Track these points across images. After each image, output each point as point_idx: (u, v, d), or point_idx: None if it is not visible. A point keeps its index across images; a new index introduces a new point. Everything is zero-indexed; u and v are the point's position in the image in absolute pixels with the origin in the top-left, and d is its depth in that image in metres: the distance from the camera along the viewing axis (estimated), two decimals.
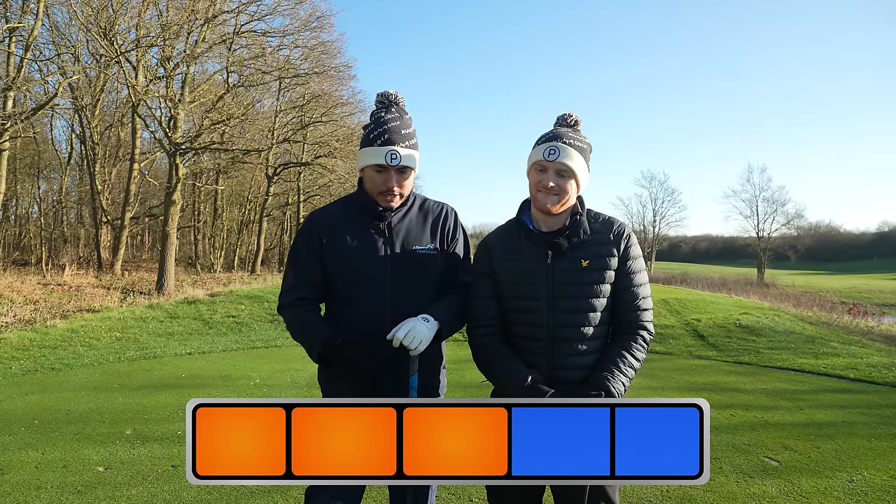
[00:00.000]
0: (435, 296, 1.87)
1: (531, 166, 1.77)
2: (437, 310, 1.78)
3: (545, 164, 1.72)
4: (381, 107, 1.88)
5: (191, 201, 24.59)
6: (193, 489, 3.25)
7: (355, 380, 1.75)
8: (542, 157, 1.71)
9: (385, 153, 1.76)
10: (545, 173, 1.72)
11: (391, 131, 1.79)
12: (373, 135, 1.80)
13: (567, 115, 1.82)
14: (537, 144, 1.77)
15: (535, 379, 1.64)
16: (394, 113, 1.84)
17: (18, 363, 7.03)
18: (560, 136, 1.73)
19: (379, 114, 1.85)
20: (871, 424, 4.56)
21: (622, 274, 1.75)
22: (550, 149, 1.71)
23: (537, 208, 1.76)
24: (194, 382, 6.11)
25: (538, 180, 1.72)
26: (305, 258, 1.85)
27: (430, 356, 1.87)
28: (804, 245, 50.62)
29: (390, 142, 1.77)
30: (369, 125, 1.84)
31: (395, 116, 1.83)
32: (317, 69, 18.18)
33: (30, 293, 12.53)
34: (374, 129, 1.81)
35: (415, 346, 1.66)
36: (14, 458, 3.75)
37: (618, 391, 1.61)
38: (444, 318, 1.77)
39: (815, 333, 9.57)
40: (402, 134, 1.80)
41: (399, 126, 1.81)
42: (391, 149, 1.77)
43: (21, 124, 13.50)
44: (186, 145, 15.34)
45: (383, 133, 1.78)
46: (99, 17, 13.08)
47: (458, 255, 1.94)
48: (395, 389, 1.75)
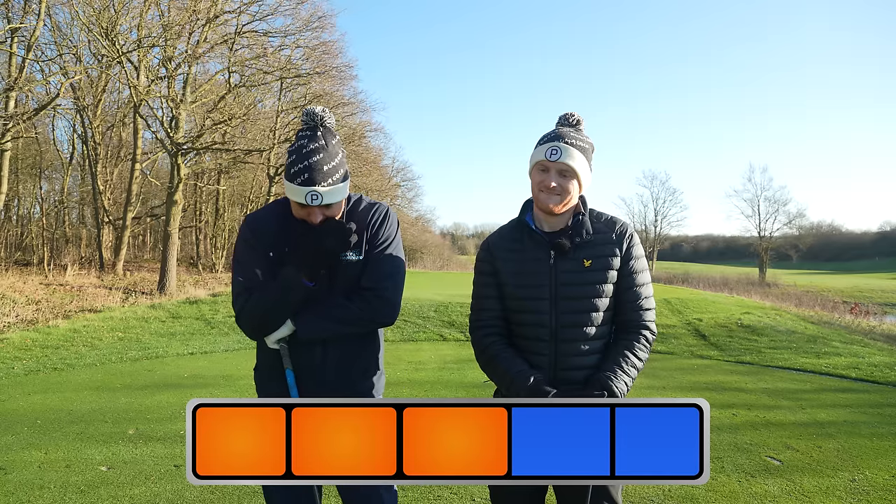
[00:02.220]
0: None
1: (533, 166, 1.76)
2: (303, 311, 1.78)
3: (547, 165, 1.72)
4: (305, 132, 1.73)
5: (192, 201, 24.63)
6: (196, 489, 3.26)
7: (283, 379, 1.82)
8: (545, 157, 1.71)
9: (305, 194, 1.67)
10: (547, 173, 1.71)
11: (312, 169, 1.67)
12: (293, 170, 1.68)
13: (569, 115, 1.81)
14: (539, 144, 1.77)
15: (538, 379, 1.64)
16: (318, 141, 1.71)
17: (21, 363, 7.05)
18: (562, 136, 1.73)
19: (301, 141, 1.71)
20: (874, 424, 4.55)
21: (625, 274, 1.75)
22: (552, 149, 1.70)
23: (540, 208, 1.76)
24: (196, 382, 6.13)
25: (540, 180, 1.72)
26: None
27: (347, 356, 1.86)
28: (806, 245, 50.50)
29: (311, 181, 1.67)
30: (291, 154, 1.71)
31: (319, 147, 1.70)
32: (318, 69, 18.18)
33: (32, 293, 12.56)
34: (296, 164, 1.68)
35: (271, 343, 1.78)
36: (17, 458, 3.76)
37: (620, 391, 1.61)
38: (304, 317, 1.76)
39: (817, 333, 9.55)
40: (324, 171, 1.68)
41: (321, 161, 1.68)
42: (312, 190, 1.67)
43: (23, 124, 13.54)
44: (188, 145, 15.36)
45: (303, 171, 1.67)
46: (101, 18, 13.10)
47: (376, 257, 1.85)
48: (308, 387, 1.81)
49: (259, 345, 1.89)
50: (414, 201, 46.84)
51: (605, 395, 1.59)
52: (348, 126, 22.31)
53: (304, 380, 1.81)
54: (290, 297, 1.73)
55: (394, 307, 1.85)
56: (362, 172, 25.65)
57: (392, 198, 36.67)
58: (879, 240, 78.50)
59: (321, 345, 1.81)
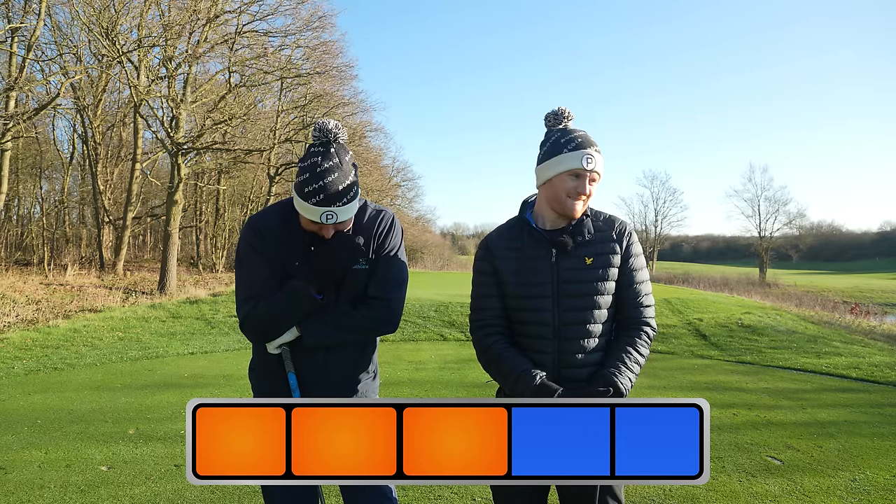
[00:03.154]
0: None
1: (563, 172, 1.72)
2: (308, 318, 1.78)
3: (581, 172, 1.71)
4: (318, 148, 1.69)
5: (193, 201, 24.64)
6: (196, 488, 3.26)
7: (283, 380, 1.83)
8: (581, 165, 1.69)
9: (321, 214, 1.65)
10: (581, 180, 1.71)
11: (327, 189, 1.63)
12: (307, 189, 1.64)
13: (562, 111, 1.79)
14: (568, 150, 1.72)
15: (543, 378, 1.65)
16: (332, 159, 1.67)
17: (21, 363, 7.05)
18: (592, 143, 1.74)
19: (314, 159, 1.67)
20: (874, 423, 4.55)
21: (625, 271, 1.77)
22: (588, 157, 1.70)
23: (563, 213, 1.75)
24: (196, 382, 6.13)
25: (573, 186, 1.71)
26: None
27: (349, 361, 1.88)
28: (806, 245, 50.53)
29: (326, 202, 1.64)
30: (304, 172, 1.67)
31: (334, 165, 1.66)
32: (318, 69, 18.19)
33: (32, 293, 12.57)
34: (310, 183, 1.64)
35: (272, 348, 1.79)
36: (17, 458, 3.76)
37: (625, 387, 1.63)
38: (309, 324, 1.77)
39: (818, 333, 9.55)
40: (340, 191, 1.65)
41: (336, 181, 1.65)
42: (327, 210, 1.65)
43: (23, 124, 13.55)
44: (188, 145, 15.37)
45: (319, 192, 1.63)
46: (101, 18, 13.10)
47: (382, 266, 1.85)
48: (308, 390, 1.83)
49: (256, 346, 1.89)
50: (414, 201, 46.88)
51: (611, 391, 1.60)
52: (349, 126, 22.30)
53: (305, 383, 1.81)
54: (297, 308, 1.74)
55: (398, 316, 1.88)
56: (363, 172, 25.65)
57: (392, 198, 36.68)
58: (880, 240, 78.48)
59: (323, 349, 1.82)
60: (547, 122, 1.82)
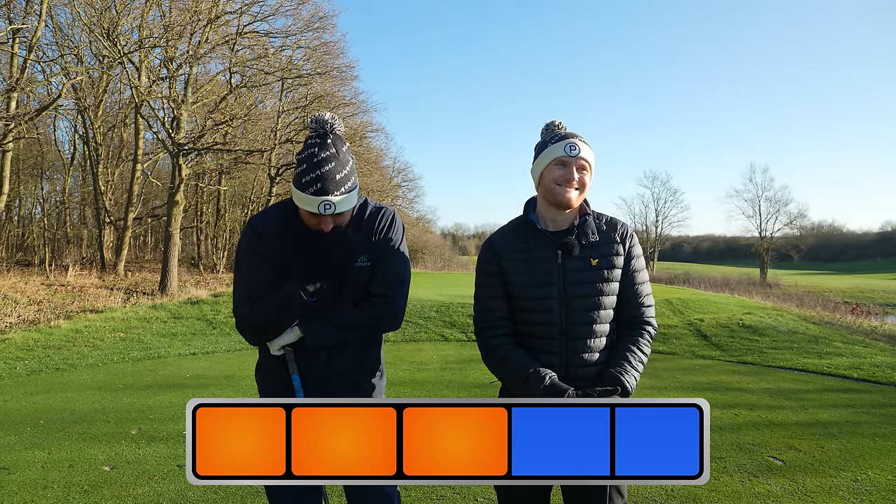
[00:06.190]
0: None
1: (549, 163, 1.77)
2: (310, 318, 1.79)
3: (567, 160, 1.74)
4: (315, 139, 1.71)
5: (193, 202, 24.66)
6: (199, 489, 3.27)
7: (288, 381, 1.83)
8: (565, 152, 1.73)
9: (318, 204, 1.66)
10: (567, 168, 1.74)
11: (325, 179, 1.65)
12: (305, 179, 1.66)
13: (554, 123, 1.85)
14: (550, 143, 1.78)
15: (553, 378, 1.66)
16: (329, 150, 1.69)
17: (23, 364, 7.06)
18: (574, 134, 1.78)
19: (312, 150, 1.69)
20: (876, 424, 4.55)
21: (627, 273, 1.80)
22: (571, 145, 1.73)
23: (556, 203, 1.76)
24: (198, 382, 6.13)
25: (560, 174, 1.74)
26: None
27: (353, 360, 1.87)
28: (807, 245, 50.46)
29: (323, 191, 1.65)
30: (302, 163, 1.69)
31: (330, 155, 1.68)
32: (319, 70, 18.19)
33: (33, 294, 12.59)
34: (307, 173, 1.66)
35: (275, 349, 1.79)
36: (20, 458, 3.77)
37: (631, 385, 1.66)
38: (312, 324, 1.77)
39: (819, 333, 9.54)
40: (337, 181, 1.67)
41: (333, 170, 1.67)
42: (324, 200, 1.65)
43: (24, 125, 13.55)
44: (189, 146, 15.38)
45: (315, 181, 1.65)
46: (102, 18, 13.11)
47: (384, 263, 1.85)
48: (313, 391, 1.83)
49: (261, 347, 1.89)
50: (415, 202, 46.80)
51: (619, 389, 1.63)
52: (349, 126, 22.31)
53: (310, 383, 1.81)
54: (289, 311, 1.75)
55: (401, 313, 1.87)
56: (363, 173, 25.64)
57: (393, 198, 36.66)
58: (880, 240, 78.28)
59: (327, 349, 1.81)
60: (541, 135, 1.87)
